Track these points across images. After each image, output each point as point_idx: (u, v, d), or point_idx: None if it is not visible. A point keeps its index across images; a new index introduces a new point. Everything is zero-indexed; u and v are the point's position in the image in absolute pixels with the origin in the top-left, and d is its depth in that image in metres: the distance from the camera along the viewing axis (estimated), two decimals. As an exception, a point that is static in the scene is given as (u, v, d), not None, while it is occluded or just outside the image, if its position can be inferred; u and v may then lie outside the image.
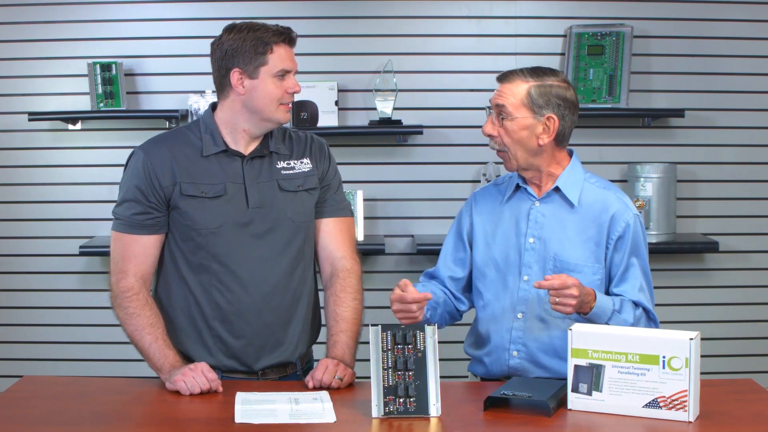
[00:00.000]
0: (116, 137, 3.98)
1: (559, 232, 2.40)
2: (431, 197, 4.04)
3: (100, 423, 2.07)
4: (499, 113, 2.38)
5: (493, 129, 2.39)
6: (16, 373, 3.53)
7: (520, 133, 2.35)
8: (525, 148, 2.37)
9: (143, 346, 2.36)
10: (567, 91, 2.38)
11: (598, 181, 2.45)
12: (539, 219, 2.42)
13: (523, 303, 2.42)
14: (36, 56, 3.96)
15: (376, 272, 4.04)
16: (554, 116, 2.35)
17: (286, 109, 2.40)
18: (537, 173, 2.42)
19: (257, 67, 2.34)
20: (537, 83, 2.36)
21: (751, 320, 4.10)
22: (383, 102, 3.92)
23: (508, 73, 2.41)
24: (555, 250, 2.39)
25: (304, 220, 2.47)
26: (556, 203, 2.42)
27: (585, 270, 2.37)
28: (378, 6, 4.02)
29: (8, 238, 4.05)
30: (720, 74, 4.02)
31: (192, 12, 3.96)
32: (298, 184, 2.46)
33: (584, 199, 2.40)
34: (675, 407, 2.02)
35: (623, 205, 2.38)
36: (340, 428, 2.02)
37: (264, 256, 2.40)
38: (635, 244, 2.37)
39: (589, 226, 2.38)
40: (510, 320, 2.43)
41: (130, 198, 2.39)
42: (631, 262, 2.37)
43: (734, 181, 4.07)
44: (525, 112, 2.35)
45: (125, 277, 2.37)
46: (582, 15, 3.99)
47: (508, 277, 2.44)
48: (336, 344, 2.40)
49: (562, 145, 2.42)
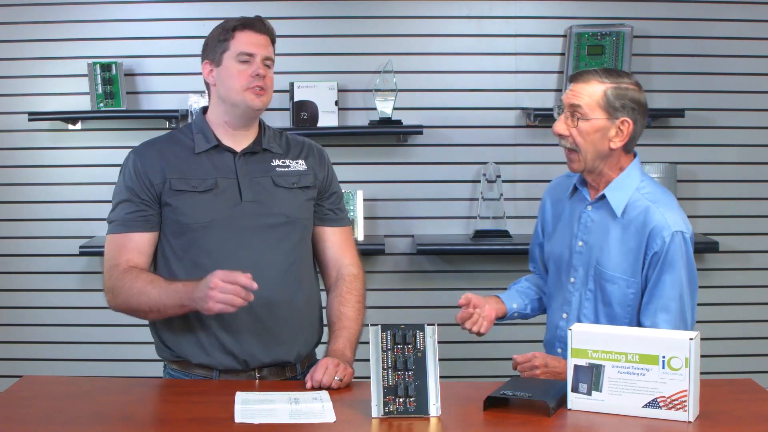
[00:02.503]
0: (116, 137, 3.98)
1: (603, 240, 2.38)
2: (431, 197, 4.04)
3: (100, 423, 2.06)
4: (573, 113, 2.34)
5: (566, 129, 2.35)
6: (16, 373, 3.53)
7: (594, 135, 2.33)
8: (596, 150, 2.34)
9: (154, 300, 2.31)
10: (640, 94, 2.36)
11: (651, 192, 2.38)
12: (588, 224, 2.42)
13: (568, 304, 2.45)
14: (36, 56, 3.96)
15: (376, 272, 4.04)
16: (629, 120, 2.33)
17: (253, 93, 2.38)
18: (598, 177, 2.40)
19: (221, 55, 2.40)
20: (613, 85, 2.33)
21: (751, 320, 4.10)
22: (383, 102, 3.92)
23: (583, 73, 2.37)
24: (597, 257, 2.38)
25: (300, 217, 2.48)
26: (604, 210, 2.40)
27: (619, 282, 2.35)
28: (378, 6, 4.02)
29: (8, 238, 4.05)
30: (720, 74, 4.02)
31: (192, 12, 3.96)
32: (293, 182, 2.47)
33: (630, 210, 2.36)
34: (675, 407, 2.02)
35: (663, 220, 2.30)
36: (340, 428, 2.02)
37: (257, 251, 2.40)
38: (670, 261, 2.29)
39: (631, 238, 2.34)
40: (558, 318, 2.48)
41: (123, 199, 2.41)
42: (662, 280, 2.30)
43: (734, 181, 4.07)
44: (600, 113, 2.32)
45: (117, 268, 2.37)
46: (582, 15, 3.99)
47: (561, 275, 2.48)
48: (338, 338, 2.42)
49: (630, 150, 2.40)
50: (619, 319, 2.37)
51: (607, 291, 2.37)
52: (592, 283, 2.40)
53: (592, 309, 2.41)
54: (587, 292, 2.41)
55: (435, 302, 4.05)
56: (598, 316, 2.40)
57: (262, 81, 2.39)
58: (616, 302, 2.36)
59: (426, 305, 4.06)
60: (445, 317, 3.97)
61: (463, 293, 2.68)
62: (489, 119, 4.01)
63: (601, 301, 2.38)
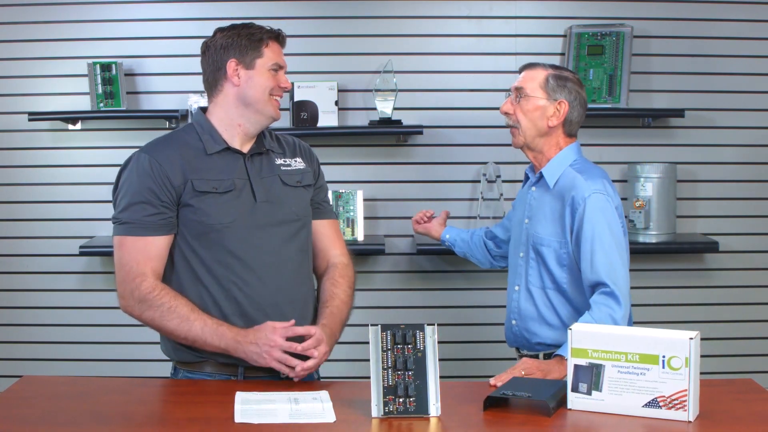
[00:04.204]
0: (116, 137, 3.98)
1: (540, 212, 2.66)
2: (431, 197, 4.04)
3: (100, 423, 2.06)
4: (517, 95, 2.64)
5: (510, 108, 2.66)
6: (16, 373, 3.53)
7: (534, 113, 2.62)
8: (535, 127, 2.63)
9: (195, 333, 2.34)
10: (580, 88, 2.66)
11: (581, 166, 2.63)
12: (532, 202, 2.70)
13: (519, 276, 2.71)
14: (36, 56, 3.97)
15: (376, 272, 4.04)
16: (565, 101, 2.62)
17: (277, 104, 2.48)
18: (539, 155, 2.68)
19: (254, 59, 2.44)
20: (555, 72, 2.64)
21: (751, 320, 4.10)
22: (383, 102, 3.92)
23: (530, 63, 2.71)
24: (536, 229, 2.65)
25: (306, 214, 2.54)
26: (543, 187, 2.68)
27: (552, 244, 2.61)
28: (378, 6, 4.02)
29: (8, 238, 4.05)
30: (720, 74, 4.02)
31: (192, 12, 3.96)
32: (297, 180, 2.53)
33: (560, 181, 2.62)
34: (675, 407, 2.02)
35: (585, 185, 2.54)
36: (340, 428, 2.02)
37: (275, 248, 2.44)
38: (589, 217, 2.51)
39: (559, 204, 2.60)
40: (512, 291, 2.74)
41: (141, 200, 2.37)
42: (584, 236, 2.51)
43: (734, 181, 4.07)
44: (540, 93, 2.62)
45: (146, 279, 2.36)
46: (582, 15, 4.00)
47: (515, 255, 2.75)
48: (331, 315, 2.47)
49: (569, 133, 2.67)
50: (560, 280, 2.61)
51: (543, 254, 2.62)
52: (533, 252, 2.65)
53: (537, 275, 2.65)
54: (530, 261, 2.66)
55: (435, 302, 4.05)
56: (543, 281, 2.64)
57: (281, 93, 2.49)
58: (553, 264, 2.61)
59: (426, 305, 4.06)
60: (445, 317, 4.00)
61: (463, 293, 2.70)
62: (489, 119, 4.01)
63: (542, 265, 2.63)
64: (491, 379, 2.30)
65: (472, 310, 4.05)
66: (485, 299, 4.03)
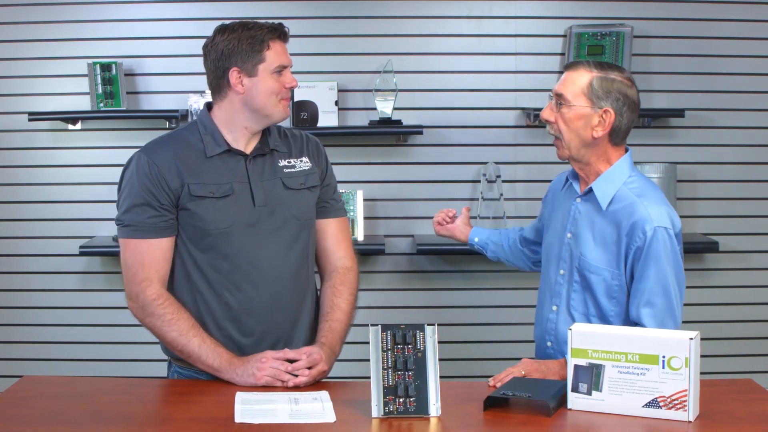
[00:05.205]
0: (116, 137, 3.98)
1: (587, 232, 2.41)
2: (431, 197, 4.04)
3: (100, 423, 2.06)
4: (558, 101, 2.38)
5: (551, 115, 2.39)
6: (16, 373, 3.53)
7: (576, 122, 2.36)
8: (579, 138, 2.37)
9: (192, 349, 2.34)
10: (629, 89, 2.37)
11: (638, 186, 2.38)
12: (576, 216, 2.44)
13: (558, 296, 2.47)
14: (36, 56, 3.96)
15: (376, 272, 4.04)
16: (611, 110, 2.34)
17: (285, 104, 2.43)
18: (586, 167, 2.42)
19: (255, 65, 2.36)
20: (600, 75, 2.35)
21: (751, 320, 4.10)
22: (383, 102, 3.92)
23: (574, 62, 2.42)
24: (581, 249, 2.41)
25: (308, 218, 2.50)
26: (591, 203, 2.42)
27: (603, 273, 2.37)
28: (378, 6, 4.02)
29: (8, 238, 4.05)
30: (720, 74, 4.02)
31: (192, 12, 3.96)
32: (301, 182, 2.48)
33: (615, 203, 2.37)
34: (675, 407, 2.02)
35: (647, 214, 2.30)
36: (340, 428, 2.02)
37: (272, 254, 2.42)
38: (653, 256, 2.29)
39: (613, 230, 2.36)
40: (548, 311, 2.50)
41: (142, 202, 2.36)
42: (645, 275, 2.31)
43: (734, 181, 4.07)
44: (583, 101, 2.35)
45: (151, 285, 2.36)
46: (582, 15, 3.99)
47: (551, 268, 2.50)
48: (330, 330, 2.44)
49: (618, 143, 2.40)
50: (606, 311, 2.38)
51: (591, 282, 2.39)
52: (578, 275, 2.42)
53: (580, 301, 2.42)
54: (574, 284, 2.43)
55: (435, 302, 4.05)
56: (588, 308, 2.41)
57: (288, 93, 2.43)
58: (601, 293, 2.38)
59: (426, 305, 4.06)
60: (445, 317, 4.00)
61: (463, 293, 2.68)
62: (489, 119, 4.02)
63: (588, 292, 2.40)
64: (491, 379, 2.30)
65: (472, 310, 4.05)
66: (485, 299, 4.03)
